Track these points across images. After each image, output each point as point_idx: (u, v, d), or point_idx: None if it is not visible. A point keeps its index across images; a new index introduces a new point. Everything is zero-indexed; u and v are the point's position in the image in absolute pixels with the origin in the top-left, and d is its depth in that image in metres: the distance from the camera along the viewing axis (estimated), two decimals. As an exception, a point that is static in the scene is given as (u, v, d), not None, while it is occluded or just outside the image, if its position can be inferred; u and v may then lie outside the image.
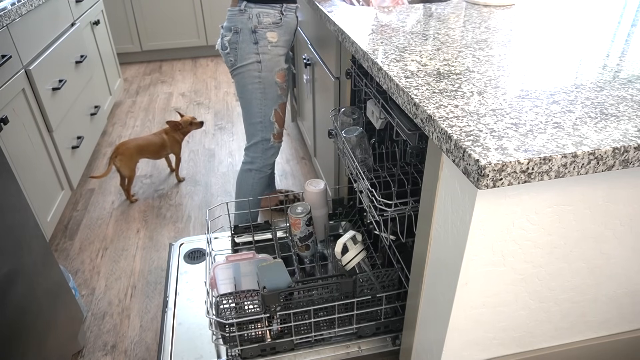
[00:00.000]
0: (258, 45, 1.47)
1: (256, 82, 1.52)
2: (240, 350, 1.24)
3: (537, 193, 0.76)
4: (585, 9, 1.41)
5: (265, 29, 1.46)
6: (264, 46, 1.48)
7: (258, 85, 1.53)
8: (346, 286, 1.20)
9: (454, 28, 1.25)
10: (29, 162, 1.72)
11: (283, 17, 1.48)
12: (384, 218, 1.13)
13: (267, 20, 1.45)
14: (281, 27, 1.49)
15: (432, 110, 0.79)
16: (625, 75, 0.92)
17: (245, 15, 1.45)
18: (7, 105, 1.61)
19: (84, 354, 1.47)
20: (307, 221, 1.44)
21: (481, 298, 0.89)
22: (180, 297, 1.49)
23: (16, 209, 1.14)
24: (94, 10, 2.73)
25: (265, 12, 1.44)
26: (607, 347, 1.07)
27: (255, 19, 1.45)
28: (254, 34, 1.46)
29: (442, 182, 0.85)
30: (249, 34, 1.46)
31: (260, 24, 1.45)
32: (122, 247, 1.92)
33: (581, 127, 0.73)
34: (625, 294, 0.99)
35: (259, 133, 1.61)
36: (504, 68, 0.96)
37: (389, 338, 1.33)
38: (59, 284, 1.33)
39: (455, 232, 0.83)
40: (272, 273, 1.17)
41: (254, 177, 1.69)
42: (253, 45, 1.47)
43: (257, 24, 1.45)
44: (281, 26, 1.49)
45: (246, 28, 1.46)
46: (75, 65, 2.28)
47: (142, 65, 3.94)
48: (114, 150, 2.10)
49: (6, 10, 1.63)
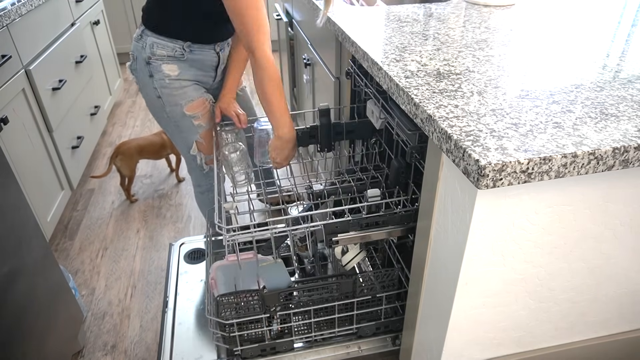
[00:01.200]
0: (154, 78, 1.30)
1: (165, 118, 1.38)
2: (240, 350, 1.24)
3: (537, 193, 0.76)
4: (585, 9, 1.41)
5: (159, 61, 1.28)
6: (160, 79, 1.30)
7: (168, 121, 1.39)
8: (346, 286, 1.20)
9: (454, 28, 1.25)
10: (29, 162, 1.72)
11: (186, 53, 1.29)
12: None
13: (162, 52, 1.27)
14: (184, 62, 1.31)
15: (432, 110, 0.79)
16: (625, 75, 0.92)
17: (140, 42, 1.28)
18: (7, 105, 1.61)
19: (84, 354, 1.47)
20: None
21: (481, 298, 0.89)
22: (180, 297, 1.49)
23: (16, 209, 1.14)
24: (94, 10, 2.73)
25: (160, 43, 1.27)
26: (607, 347, 1.07)
27: (148, 49, 1.27)
28: (147, 65, 1.29)
29: (442, 182, 0.85)
30: (144, 65, 1.29)
31: (154, 56, 1.27)
32: (122, 247, 1.92)
33: (581, 127, 0.73)
34: (625, 294, 0.99)
35: (191, 162, 1.51)
36: (504, 68, 0.96)
37: (389, 338, 1.33)
38: (59, 284, 1.33)
39: (455, 232, 0.83)
40: (272, 273, 1.17)
41: (209, 198, 1.62)
42: (149, 78, 1.30)
43: (151, 55, 1.27)
44: (184, 61, 1.31)
45: (141, 57, 1.29)
46: (75, 65, 2.28)
47: (142, 65, 3.94)
48: (114, 150, 2.10)
49: (6, 10, 1.63)
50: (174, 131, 1.43)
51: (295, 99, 2.59)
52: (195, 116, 1.39)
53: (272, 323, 1.27)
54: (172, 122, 1.40)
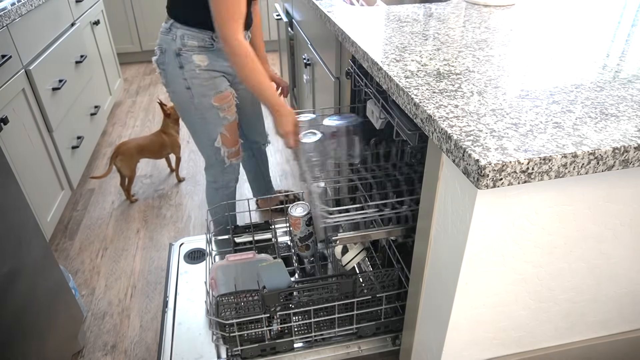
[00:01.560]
0: (184, 70, 1.32)
1: (192, 110, 1.40)
2: (240, 350, 1.24)
3: (537, 193, 0.76)
4: (585, 9, 1.41)
5: (190, 52, 1.31)
6: (190, 70, 1.32)
7: (195, 112, 1.41)
8: (346, 286, 1.20)
9: (454, 28, 1.25)
10: (29, 162, 1.72)
11: (216, 43, 1.33)
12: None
13: (193, 43, 1.31)
14: (213, 52, 1.34)
15: (432, 110, 0.79)
16: (625, 75, 0.92)
17: (170, 35, 1.31)
18: (7, 105, 1.61)
19: (84, 354, 1.47)
20: (307, 221, 1.44)
21: (481, 298, 0.89)
22: (180, 297, 1.49)
23: (16, 209, 1.14)
24: (94, 10, 2.73)
25: (190, 34, 1.30)
26: (607, 347, 1.07)
27: (179, 41, 1.30)
28: (178, 57, 1.31)
29: (442, 182, 0.85)
30: (174, 57, 1.32)
31: (185, 47, 1.30)
32: (122, 247, 1.92)
33: (581, 127, 0.73)
34: (625, 294, 0.99)
35: (212, 155, 1.52)
36: (504, 68, 0.96)
37: (389, 338, 1.33)
38: (59, 284, 1.33)
39: (455, 232, 0.83)
40: (272, 273, 1.17)
41: (221, 195, 1.63)
42: (179, 69, 1.33)
43: (182, 47, 1.30)
44: (213, 51, 1.34)
45: (170, 50, 1.32)
46: (75, 65, 2.28)
47: (142, 65, 3.94)
48: (114, 150, 2.10)
49: (6, 10, 1.63)
50: (200, 123, 1.44)
51: (296, 99, 2.59)
52: (221, 108, 1.41)
53: (272, 323, 1.27)
54: (199, 114, 1.41)
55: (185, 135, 2.78)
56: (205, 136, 1.48)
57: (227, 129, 1.47)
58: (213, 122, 1.44)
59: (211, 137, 1.47)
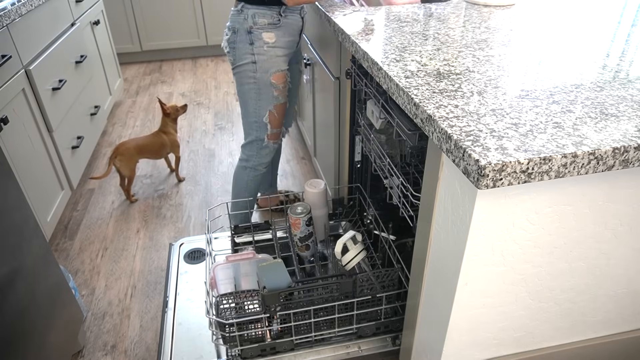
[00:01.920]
0: (253, 45, 1.46)
1: (251, 83, 1.52)
2: (240, 350, 1.24)
3: (537, 193, 0.76)
4: (585, 9, 1.41)
5: (260, 30, 1.44)
6: (259, 47, 1.46)
7: (253, 86, 1.52)
8: (346, 286, 1.20)
9: (454, 28, 1.25)
10: (29, 162, 1.72)
11: (282, 19, 1.46)
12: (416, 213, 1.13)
13: (263, 20, 1.44)
14: (280, 28, 1.47)
15: (432, 110, 0.79)
16: (625, 75, 0.92)
17: (242, 15, 1.45)
18: (7, 105, 1.61)
19: (84, 354, 1.47)
20: (307, 221, 1.44)
21: (481, 298, 0.89)
22: (180, 297, 1.49)
23: (16, 209, 1.14)
24: (94, 10, 2.73)
25: (261, 12, 1.43)
26: (607, 347, 1.07)
27: (250, 20, 1.43)
28: (249, 34, 1.45)
29: (442, 182, 0.85)
30: (245, 35, 1.46)
31: (256, 25, 1.44)
32: (122, 247, 1.92)
33: (581, 127, 0.73)
34: (625, 294, 0.99)
35: (253, 132, 1.62)
36: (504, 68, 0.96)
37: (389, 338, 1.33)
38: (59, 284, 1.33)
39: (455, 232, 0.83)
40: (272, 273, 1.17)
41: (248, 175, 1.70)
42: (249, 45, 1.46)
43: (253, 25, 1.44)
44: (280, 27, 1.47)
45: (242, 28, 1.45)
46: (75, 65, 2.28)
47: (142, 65, 3.94)
48: (113, 150, 2.10)
49: (6, 10, 1.63)
50: (254, 98, 1.55)
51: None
52: (277, 87, 1.53)
53: (272, 323, 1.27)
54: (256, 89, 1.53)
55: (185, 135, 2.78)
56: (254, 111, 1.58)
57: (276, 108, 1.58)
58: (266, 98, 1.55)
59: (260, 113, 1.58)
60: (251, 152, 1.66)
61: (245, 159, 1.69)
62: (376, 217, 1.46)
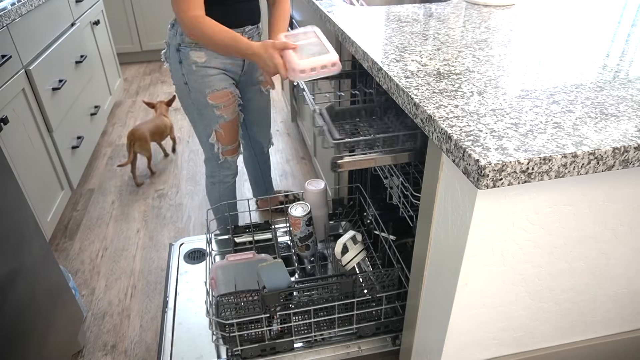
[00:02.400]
0: (182, 65, 1.36)
1: (189, 103, 1.44)
2: (240, 350, 1.24)
3: (537, 193, 0.76)
4: (585, 9, 1.41)
5: (188, 48, 1.33)
6: (187, 66, 1.35)
7: (192, 107, 1.44)
8: (346, 286, 1.20)
9: (454, 28, 1.25)
10: (29, 162, 1.72)
11: None
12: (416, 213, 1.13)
13: (189, 40, 1.32)
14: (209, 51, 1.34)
15: (432, 110, 0.79)
16: (625, 75, 0.92)
17: (172, 30, 1.35)
18: (7, 105, 1.61)
19: (84, 354, 1.47)
20: (307, 221, 1.44)
21: (481, 298, 0.89)
22: (180, 297, 1.49)
23: (16, 209, 1.14)
24: (94, 10, 2.73)
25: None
26: (607, 347, 1.07)
27: (179, 37, 1.33)
28: (177, 52, 1.35)
29: (442, 182, 0.85)
30: (174, 52, 1.36)
31: (184, 42, 1.33)
32: (122, 247, 1.92)
33: (581, 127, 0.73)
34: (625, 294, 0.99)
35: (207, 150, 1.56)
36: (504, 68, 0.96)
37: (389, 338, 1.33)
38: (59, 284, 1.33)
39: (455, 232, 0.83)
40: (272, 273, 1.17)
41: (219, 189, 1.65)
42: (178, 64, 1.37)
43: (181, 42, 1.33)
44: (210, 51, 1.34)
45: (172, 44, 1.36)
46: (75, 65, 2.28)
47: (142, 65, 3.94)
48: (129, 138, 2.24)
49: (6, 10, 1.63)
50: (197, 118, 1.48)
51: (295, 99, 2.59)
52: (217, 106, 1.43)
53: (272, 323, 1.27)
54: (196, 109, 1.45)
55: (184, 135, 2.78)
56: (202, 130, 1.51)
57: (222, 127, 1.48)
58: (208, 118, 1.46)
59: (207, 132, 1.50)
60: (213, 169, 1.61)
61: (210, 175, 1.63)
62: (376, 217, 1.46)
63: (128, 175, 2.40)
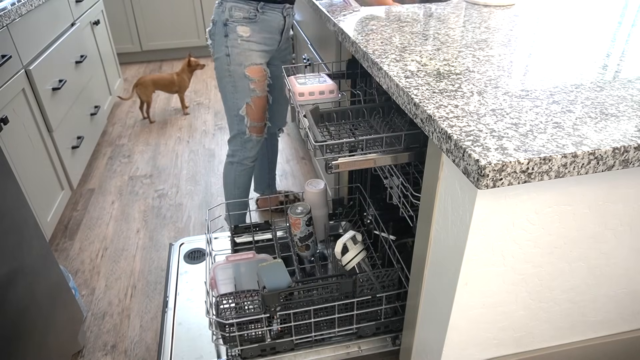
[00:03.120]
0: (227, 38, 1.47)
1: (227, 76, 1.54)
2: (240, 350, 1.24)
3: (537, 193, 0.76)
4: (586, 9, 1.41)
5: (236, 23, 1.46)
6: (233, 39, 1.47)
7: (229, 79, 1.54)
8: (346, 286, 1.20)
9: (454, 28, 1.25)
10: (29, 162, 1.72)
11: (259, 14, 1.46)
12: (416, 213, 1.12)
13: (239, 14, 1.45)
14: (256, 24, 1.47)
15: (432, 110, 0.79)
16: (625, 75, 0.92)
17: (221, 8, 1.47)
18: (7, 105, 1.61)
19: (84, 354, 1.47)
20: (307, 221, 1.44)
21: (481, 298, 0.89)
22: (180, 297, 1.49)
23: (16, 209, 1.14)
24: (94, 10, 2.73)
25: (238, 6, 1.44)
26: (607, 347, 1.07)
27: (227, 13, 1.45)
28: (225, 27, 1.47)
29: (442, 182, 0.85)
30: (222, 27, 1.48)
31: (232, 18, 1.45)
32: (122, 247, 1.92)
33: (581, 127, 0.73)
34: (625, 294, 0.99)
35: (235, 126, 1.63)
36: (504, 68, 0.96)
37: (389, 338, 1.33)
38: (59, 284, 1.33)
39: (455, 232, 0.83)
40: (272, 273, 1.17)
41: (236, 170, 1.71)
42: (224, 38, 1.48)
43: (229, 17, 1.45)
44: (256, 22, 1.47)
45: (220, 20, 1.48)
46: (75, 65, 2.28)
47: (142, 65, 3.94)
48: (134, 83, 2.80)
49: (6, 10, 1.63)
50: (230, 91, 1.57)
51: (295, 99, 2.59)
52: (252, 80, 1.53)
53: (272, 323, 1.27)
54: (232, 81, 1.54)
55: (185, 135, 2.78)
56: (233, 104, 1.59)
57: (253, 101, 1.57)
58: (242, 91, 1.55)
59: (238, 106, 1.58)
60: (236, 147, 1.67)
61: (231, 154, 1.70)
62: (376, 217, 1.46)
63: (128, 175, 2.40)
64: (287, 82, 1.32)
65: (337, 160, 1.01)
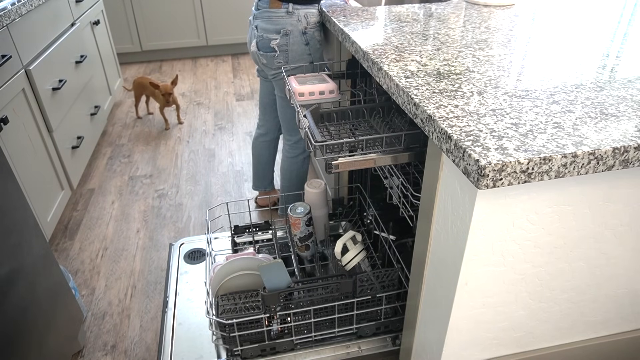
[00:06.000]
0: (309, 46, 1.51)
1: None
2: (240, 350, 1.24)
3: (537, 193, 0.76)
4: (585, 9, 1.41)
5: (313, 29, 1.50)
6: (314, 45, 1.51)
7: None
8: (346, 286, 1.20)
9: (454, 28, 1.25)
10: (29, 162, 1.72)
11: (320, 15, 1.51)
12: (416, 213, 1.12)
13: (313, 20, 1.49)
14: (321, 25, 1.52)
15: (432, 110, 0.79)
16: (625, 75, 0.92)
17: (294, 17, 1.47)
18: (7, 105, 1.61)
19: (84, 354, 1.47)
20: (307, 221, 1.44)
21: (481, 298, 0.89)
22: (180, 297, 1.49)
23: (16, 209, 1.14)
24: (94, 10, 2.73)
25: (311, 12, 1.47)
26: (607, 347, 1.07)
27: (304, 20, 1.47)
28: (304, 35, 1.49)
29: (442, 182, 0.85)
30: (300, 36, 1.49)
31: (309, 25, 1.48)
32: (122, 247, 1.92)
33: (581, 127, 0.73)
34: (625, 294, 0.99)
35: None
36: (504, 68, 0.96)
37: (389, 338, 1.33)
38: (59, 284, 1.33)
39: (455, 232, 0.83)
40: (272, 273, 1.17)
41: (304, 163, 1.80)
42: (305, 46, 1.50)
43: (307, 25, 1.48)
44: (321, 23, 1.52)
45: (296, 30, 1.48)
46: (75, 65, 2.28)
47: (142, 65, 3.94)
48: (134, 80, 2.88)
49: (6, 10, 1.63)
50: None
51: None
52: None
53: (272, 323, 1.27)
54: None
55: (185, 135, 2.78)
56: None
57: None
58: None
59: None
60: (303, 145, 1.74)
61: (302, 152, 1.76)
62: (376, 217, 1.46)
63: (128, 175, 2.40)
64: (287, 82, 1.32)
65: (337, 160, 1.01)
